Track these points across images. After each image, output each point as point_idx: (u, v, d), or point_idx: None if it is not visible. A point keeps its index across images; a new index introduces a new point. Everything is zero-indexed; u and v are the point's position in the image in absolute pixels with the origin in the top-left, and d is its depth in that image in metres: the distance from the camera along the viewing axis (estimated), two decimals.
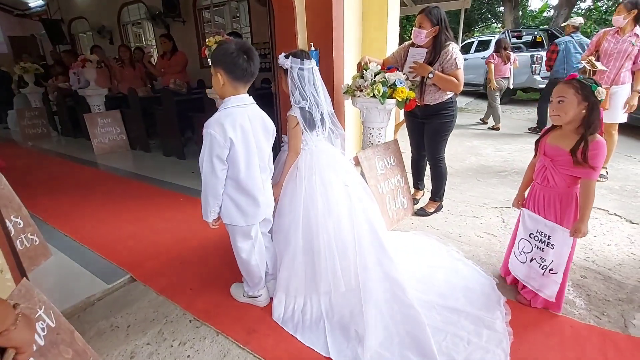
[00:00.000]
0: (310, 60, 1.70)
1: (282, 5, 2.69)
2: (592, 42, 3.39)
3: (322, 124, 1.77)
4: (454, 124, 2.57)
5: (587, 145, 1.42)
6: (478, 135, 5.50)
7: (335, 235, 1.66)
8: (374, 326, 1.55)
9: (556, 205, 1.59)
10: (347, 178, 1.78)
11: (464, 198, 3.12)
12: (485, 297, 1.78)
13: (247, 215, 1.58)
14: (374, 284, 1.64)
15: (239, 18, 6.80)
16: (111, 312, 1.84)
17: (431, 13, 2.28)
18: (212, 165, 1.45)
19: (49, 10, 9.50)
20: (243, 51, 1.42)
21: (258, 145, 1.53)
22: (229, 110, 1.46)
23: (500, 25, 15.89)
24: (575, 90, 1.43)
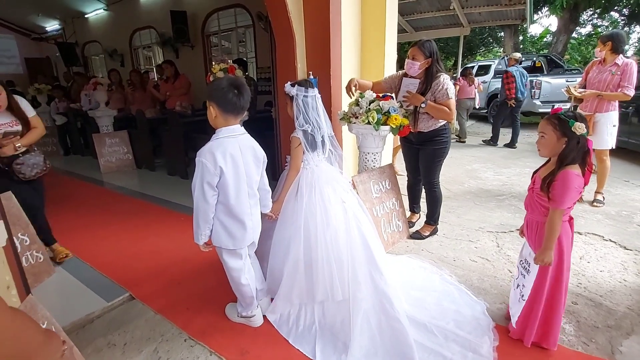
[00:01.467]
0: (314, 88, 1.90)
1: (282, 35, 2.85)
2: (585, 71, 3.57)
3: (322, 146, 1.95)
4: (448, 149, 2.66)
5: (554, 175, 1.47)
6: (478, 158, 5.57)
7: (332, 247, 1.78)
8: (360, 336, 1.64)
9: (537, 233, 1.62)
10: (345, 195, 1.93)
11: (461, 222, 3.17)
12: (475, 321, 1.80)
13: (236, 239, 1.66)
14: (363, 295, 1.74)
15: (245, 43, 7.08)
16: (109, 330, 1.88)
17: (424, 46, 2.41)
18: (203, 191, 1.54)
19: (64, 34, 9.97)
20: (234, 87, 1.54)
21: (247, 172, 1.64)
22: (220, 141, 1.57)
23: (501, 50, 16.29)
24: (554, 127, 1.49)
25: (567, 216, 1.56)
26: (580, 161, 1.48)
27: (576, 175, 1.45)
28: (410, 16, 8.58)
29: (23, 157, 2.31)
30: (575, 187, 1.44)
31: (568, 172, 1.44)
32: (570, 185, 1.43)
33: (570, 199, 1.45)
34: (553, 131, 1.49)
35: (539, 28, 18.31)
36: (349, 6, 3.21)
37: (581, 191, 1.48)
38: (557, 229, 1.48)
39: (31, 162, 2.36)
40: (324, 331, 1.76)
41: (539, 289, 1.59)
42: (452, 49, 15.52)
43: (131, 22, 8.22)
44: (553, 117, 1.51)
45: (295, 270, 1.81)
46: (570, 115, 1.48)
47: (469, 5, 7.83)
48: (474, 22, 9.05)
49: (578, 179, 1.45)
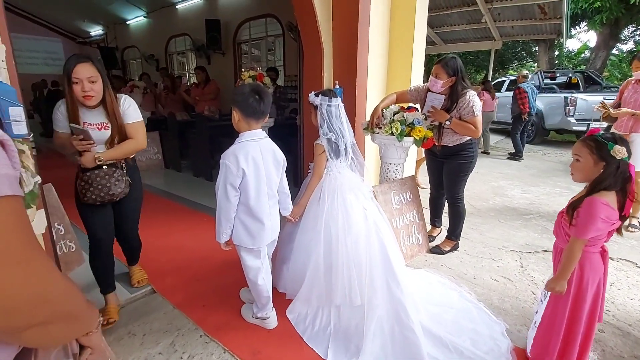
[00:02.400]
0: (337, 97, 1.95)
1: (311, 45, 2.92)
2: (620, 90, 3.44)
3: (345, 153, 2.01)
4: (473, 164, 2.60)
5: (580, 201, 1.36)
6: (505, 175, 5.41)
7: (352, 252, 1.81)
8: (372, 342, 1.66)
9: (558, 260, 1.53)
10: (366, 203, 1.97)
11: (483, 239, 3.08)
12: (492, 342, 1.76)
13: (255, 237, 1.73)
14: (378, 302, 1.76)
15: (274, 52, 7.27)
16: (130, 320, 1.97)
17: (447, 64, 2.36)
18: (226, 191, 1.63)
19: (106, 39, 10.59)
20: (256, 92, 1.64)
21: (267, 175, 1.71)
22: (243, 144, 1.65)
23: (535, 65, 15.82)
24: (590, 150, 1.36)
25: (599, 247, 1.43)
26: (619, 188, 1.35)
27: (603, 204, 1.31)
28: (440, 28, 8.54)
29: (91, 173, 1.76)
30: (600, 216, 1.31)
31: (595, 199, 1.33)
32: (594, 213, 1.31)
33: (594, 229, 1.32)
34: (589, 154, 1.37)
35: (577, 43, 17.66)
36: (377, 18, 3.25)
37: (612, 222, 1.34)
38: (574, 259, 1.37)
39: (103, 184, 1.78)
40: (338, 334, 1.79)
41: (551, 318, 1.50)
42: (483, 62, 15.22)
43: (168, 29, 8.63)
44: (589, 139, 1.38)
45: (316, 273, 1.86)
46: (609, 138, 1.34)
47: (501, 18, 7.71)
48: (506, 35, 8.87)
49: (606, 208, 1.31)
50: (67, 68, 1.61)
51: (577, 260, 1.38)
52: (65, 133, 1.74)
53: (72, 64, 1.61)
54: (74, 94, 1.65)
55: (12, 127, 1.17)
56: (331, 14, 2.90)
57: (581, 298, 1.43)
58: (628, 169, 1.33)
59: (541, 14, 7.27)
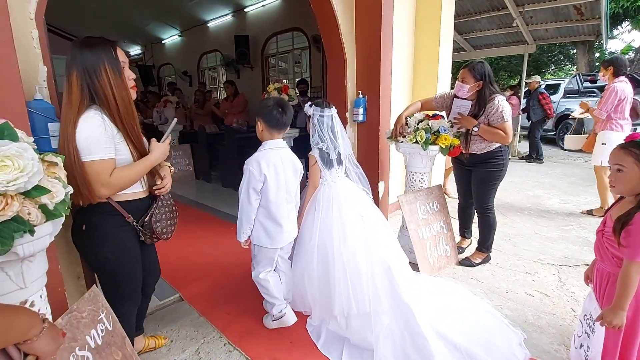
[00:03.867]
0: (331, 108, 1.99)
1: (334, 55, 2.95)
2: None
3: (338, 163, 2.02)
4: (504, 173, 2.49)
5: (630, 217, 1.19)
6: (541, 184, 5.14)
7: (349, 263, 1.81)
8: (384, 349, 1.67)
9: (608, 287, 1.34)
10: (364, 210, 1.97)
11: (517, 251, 2.92)
12: (509, 351, 1.69)
13: (273, 238, 1.82)
14: (384, 310, 1.78)
15: (300, 64, 7.42)
16: (158, 327, 2.03)
17: (474, 69, 2.30)
18: (249, 195, 1.74)
19: (144, 57, 11.27)
20: (279, 105, 1.76)
21: (286, 181, 1.81)
22: (265, 152, 1.76)
23: (575, 68, 15.00)
24: (636, 158, 1.20)
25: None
26: None
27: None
28: (469, 34, 8.34)
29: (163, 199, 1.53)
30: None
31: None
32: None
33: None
34: (635, 163, 1.20)
35: (620, 44, 16.63)
36: (401, 27, 3.25)
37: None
38: (633, 285, 1.20)
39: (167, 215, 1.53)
40: (350, 345, 1.80)
41: (609, 354, 1.32)
42: (516, 67, 14.61)
43: (200, 46, 9.06)
44: (632, 145, 1.22)
45: (311, 286, 1.90)
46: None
47: (534, 21, 7.41)
48: (540, 39, 8.51)
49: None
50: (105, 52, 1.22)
51: (636, 286, 1.20)
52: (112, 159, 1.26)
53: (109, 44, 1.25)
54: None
55: (50, 142, 1.26)
56: (354, 25, 2.92)
57: (636, 326, 1.26)
58: None
59: (577, 14, 6.91)
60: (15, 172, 0.81)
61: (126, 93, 1.28)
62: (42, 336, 0.66)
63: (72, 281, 1.63)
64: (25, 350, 0.65)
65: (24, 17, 1.32)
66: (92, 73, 1.20)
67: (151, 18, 8.69)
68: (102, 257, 1.38)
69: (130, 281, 1.48)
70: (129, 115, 1.28)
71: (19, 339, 0.62)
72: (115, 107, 1.24)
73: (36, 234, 0.90)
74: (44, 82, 1.37)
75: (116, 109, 1.24)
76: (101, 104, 1.24)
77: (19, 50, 1.20)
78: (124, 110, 1.26)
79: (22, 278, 0.97)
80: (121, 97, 1.25)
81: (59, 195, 0.93)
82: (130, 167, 1.31)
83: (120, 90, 1.25)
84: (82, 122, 1.19)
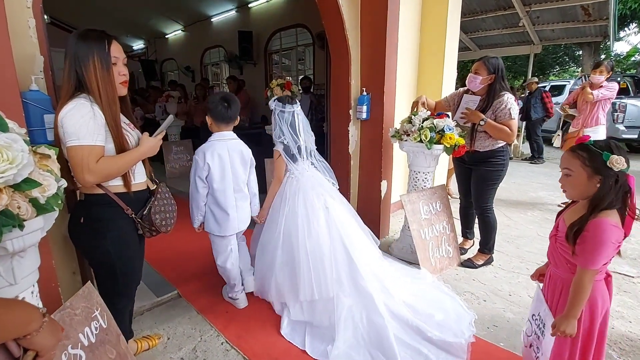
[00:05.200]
0: (293, 105, 2.09)
1: (338, 52, 2.90)
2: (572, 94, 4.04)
3: (301, 156, 2.11)
4: (504, 173, 2.46)
5: (583, 224, 1.15)
6: (545, 186, 5.09)
7: (313, 251, 1.92)
8: (344, 330, 1.80)
9: (561, 294, 1.29)
10: (330, 201, 2.06)
11: (520, 253, 2.88)
12: (459, 329, 1.84)
13: (221, 225, 1.95)
14: (346, 294, 1.92)
15: (304, 61, 7.36)
16: (155, 324, 2.00)
17: (489, 61, 2.29)
18: (196, 183, 1.89)
19: (147, 52, 11.22)
20: (225, 100, 1.89)
21: (233, 171, 1.93)
22: (211, 143, 1.90)
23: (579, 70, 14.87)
24: (583, 162, 1.16)
25: (604, 273, 1.24)
26: (620, 205, 1.15)
27: (613, 225, 1.11)
28: (474, 34, 8.27)
29: (162, 192, 1.51)
30: (611, 241, 1.11)
31: (602, 221, 1.12)
32: (604, 239, 1.11)
33: (604, 256, 1.13)
34: (582, 167, 1.16)
35: (626, 46, 16.47)
36: (407, 24, 3.19)
37: (619, 244, 1.14)
38: (586, 294, 1.15)
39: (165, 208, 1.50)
40: (313, 328, 1.90)
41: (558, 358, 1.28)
42: (521, 67, 14.49)
43: (203, 42, 9.00)
44: (580, 148, 1.18)
45: (278, 272, 1.99)
46: (604, 146, 1.14)
47: (541, 21, 7.34)
48: (546, 39, 8.44)
49: (616, 231, 1.11)
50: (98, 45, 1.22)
51: (589, 293, 1.16)
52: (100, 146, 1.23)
53: (104, 38, 1.25)
54: None
55: (46, 134, 1.23)
56: (359, 21, 2.87)
57: (593, 332, 1.22)
58: (628, 181, 1.14)
59: (585, 15, 6.84)
60: (3, 164, 0.78)
61: (111, 88, 1.26)
62: (42, 331, 0.64)
63: (68, 277, 1.61)
64: (25, 345, 0.63)
65: (21, 5, 1.29)
66: (81, 63, 1.21)
67: (155, 13, 8.64)
68: (102, 250, 1.35)
69: (128, 275, 1.46)
70: (111, 108, 1.26)
71: (19, 333, 0.61)
72: (98, 98, 1.23)
73: (26, 228, 0.87)
74: (40, 73, 1.34)
75: (99, 101, 1.23)
76: (89, 94, 1.23)
77: (13, 39, 1.16)
78: (107, 104, 1.24)
79: (12, 274, 0.94)
80: (105, 91, 1.24)
81: (50, 189, 0.90)
82: (119, 157, 1.29)
83: (105, 84, 1.24)
84: (70, 108, 1.17)
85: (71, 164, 1.19)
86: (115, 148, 1.29)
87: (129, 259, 1.42)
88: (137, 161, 1.37)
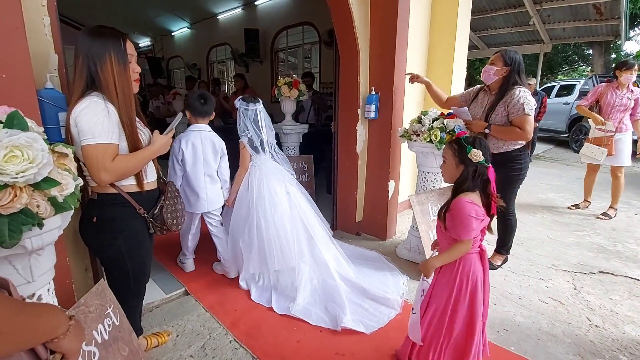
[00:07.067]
0: (256, 104, 2.37)
1: (347, 51, 2.88)
2: (593, 93, 3.75)
3: (263, 149, 2.39)
4: (523, 176, 2.40)
5: (449, 204, 1.41)
6: (554, 187, 5.03)
7: (278, 228, 2.21)
8: (303, 291, 2.17)
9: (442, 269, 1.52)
10: (290, 187, 2.37)
11: (530, 256, 2.85)
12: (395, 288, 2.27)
13: (192, 205, 2.32)
14: (306, 263, 2.27)
15: (310, 59, 7.34)
16: (165, 321, 2.01)
17: (506, 53, 2.23)
18: (173, 165, 2.26)
19: (153, 50, 11.26)
20: (201, 97, 2.25)
21: (205, 158, 2.28)
22: (187, 133, 2.27)
23: (589, 69, 14.64)
24: (454, 152, 1.44)
25: (476, 248, 1.43)
26: (480, 189, 1.41)
27: (468, 202, 1.36)
28: (483, 32, 8.20)
29: (172, 190, 1.53)
30: (469, 215, 1.34)
31: (460, 199, 1.37)
32: (464, 212, 1.34)
33: (468, 228, 1.34)
34: (452, 157, 1.44)
35: (635, 46, 16.22)
36: (417, 22, 3.17)
37: (482, 218, 1.37)
38: (451, 257, 1.41)
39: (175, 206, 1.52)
40: (278, 291, 2.23)
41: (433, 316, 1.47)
42: (530, 67, 14.31)
43: (209, 39, 9.01)
44: (454, 141, 1.46)
45: (249, 247, 2.24)
46: (470, 141, 1.41)
47: (552, 20, 7.25)
48: (557, 38, 8.34)
49: (472, 205, 1.35)
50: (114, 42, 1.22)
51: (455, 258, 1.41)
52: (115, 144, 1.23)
53: (119, 35, 1.25)
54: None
55: (60, 132, 1.23)
56: (369, 20, 2.85)
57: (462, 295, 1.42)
58: (487, 172, 1.39)
59: (596, 14, 6.75)
60: (24, 163, 0.78)
61: (128, 85, 1.26)
62: (69, 334, 0.65)
63: (80, 274, 1.62)
64: (52, 348, 0.64)
65: (36, 4, 1.29)
66: (96, 60, 1.19)
67: (161, 10, 8.65)
68: (115, 249, 1.35)
69: (139, 274, 1.46)
70: (127, 106, 1.25)
71: (47, 338, 0.62)
72: (115, 96, 1.22)
73: (45, 227, 0.87)
74: (55, 71, 1.34)
75: (115, 99, 1.22)
76: (102, 92, 1.21)
77: (29, 37, 1.17)
78: (123, 101, 1.24)
79: (30, 272, 0.94)
80: (122, 88, 1.24)
81: (68, 188, 0.90)
82: (132, 155, 1.28)
83: (122, 81, 1.24)
84: (84, 106, 1.16)
85: (87, 162, 1.19)
86: (128, 146, 1.29)
87: (140, 258, 1.43)
88: (150, 159, 1.37)
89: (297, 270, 2.22)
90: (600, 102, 3.68)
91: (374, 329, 1.92)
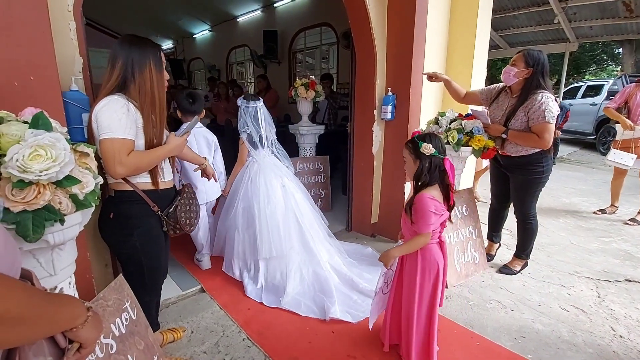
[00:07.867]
0: (256, 101, 2.48)
1: (364, 52, 2.87)
2: (621, 94, 3.63)
3: (262, 145, 2.50)
4: (545, 179, 2.31)
5: (412, 199, 1.49)
6: (579, 191, 4.84)
7: (271, 218, 2.31)
8: (293, 281, 2.26)
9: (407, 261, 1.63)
10: (285, 181, 2.47)
11: (551, 262, 2.76)
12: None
13: None
14: (296, 252, 2.36)
15: (327, 60, 7.35)
16: (180, 317, 2.06)
17: (529, 53, 2.12)
18: None
19: (175, 52, 11.54)
20: (190, 97, 2.32)
21: (199, 150, 2.35)
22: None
23: (619, 69, 13.99)
24: (410, 150, 1.53)
25: (436, 239, 1.55)
26: (438, 182, 1.50)
27: (429, 197, 1.45)
28: (505, 31, 7.98)
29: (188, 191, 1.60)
30: (429, 210, 1.43)
31: (422, 195, 1.46)
32: (425, 208, 1.44)
33: (431, 222, 1.45)
34: (409, 154, 1.52)
35: None
36: (435, 22, 3.12)
37: (441, 213, 1.47)
38: (411, 248, 1.52)
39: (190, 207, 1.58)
40: (268, 283, 2.32)
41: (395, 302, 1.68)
42: (555, 66, 13.79)
43: (229, 41, 9.16)
44: (409, 141, 1.54)
45: (242, 236, 2.37)
46: (421, 137, 1.50)
47: (578, 18, 6.98)
48: (583, 36, 8.02)
49: (431, 202, 1.44)
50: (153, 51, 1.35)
51: (415, 249, 1.52)
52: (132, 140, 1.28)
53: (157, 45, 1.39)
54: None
55: (84, 132, 1.29)
56: (386, 20, 2.83)
57: (427, 281, 1.55)
58: (443, 163, 1.48)
59: (626, 11, 6.44)
60: (47, 162, 0.82)
61: (162, 90, 1.38)
62: (87, 324, 0.68)
63: (100, 268, 1.68)
64: (71, 337, 0.67)
65: (62, 9, 1.35)
66: (136, 66, 1.30)
67: (183, 13, 8.86)
68: (130, 245, 1.40)
69: (154, 270, 1.51)
70: (161, 110, 1.37)
71: (66, 327, 0.65)
72: (150, 100, 1.33)
73: (66, 223, 0.92)
74: (79, 74, 1.40)
75: (151, 102, 1.33)
76: (128, 93, 1.30)
77: (56, 41, 1.22)
78: (158, 105, 1.35)
79: (52, 265, 0.99)
80: (158, 92, 1.36)
81: (89, 186, 0.94)
82: (147, 153, 1.34)
83: (159, 86, 1.36)
84: (105, 103, 1.23)
85: (103, 156, 1.25)
86: (145, 145, 1.34)
87: (155, 255, 1.48)
88: (164, 158, 1.42)
89: (287, 261, 2.32)
90: (629, 104, 3.54)
91: (361, 319, 2.00)
